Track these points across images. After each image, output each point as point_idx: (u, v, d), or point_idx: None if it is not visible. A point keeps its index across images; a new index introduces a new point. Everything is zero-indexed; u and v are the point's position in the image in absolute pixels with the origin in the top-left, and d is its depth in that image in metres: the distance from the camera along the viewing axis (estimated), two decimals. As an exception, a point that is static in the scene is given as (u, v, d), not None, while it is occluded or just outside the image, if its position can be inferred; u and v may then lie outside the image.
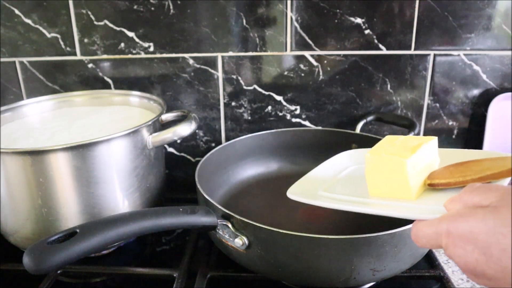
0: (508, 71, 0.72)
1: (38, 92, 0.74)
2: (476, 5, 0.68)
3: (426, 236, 0.29)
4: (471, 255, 0.25)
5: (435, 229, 0.28)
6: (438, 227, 0.28)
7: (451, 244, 0.27)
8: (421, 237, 0.29)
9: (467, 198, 0.28)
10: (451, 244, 0.27)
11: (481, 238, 0.25)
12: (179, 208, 0.45)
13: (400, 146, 0.41)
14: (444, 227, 0.27)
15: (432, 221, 0.29)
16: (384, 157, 0.39)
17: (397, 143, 0.42)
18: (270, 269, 0.47)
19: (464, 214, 0.27)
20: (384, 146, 0.42)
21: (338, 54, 0.72)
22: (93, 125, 0.61)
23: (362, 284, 0.50)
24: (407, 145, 0.40)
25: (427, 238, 0.29)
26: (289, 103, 0.76)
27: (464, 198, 0.28)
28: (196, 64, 0.73)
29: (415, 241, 0.30)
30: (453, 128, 0.77)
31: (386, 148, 0.41)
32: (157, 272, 0.55)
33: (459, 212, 0.27)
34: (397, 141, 0.42)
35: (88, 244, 0.38)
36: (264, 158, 0.73)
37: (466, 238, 0.26)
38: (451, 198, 0.29)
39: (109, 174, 0.53)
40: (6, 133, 0.59)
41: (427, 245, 0.30)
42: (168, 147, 0.79)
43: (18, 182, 0.50)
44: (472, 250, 0.25)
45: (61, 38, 0.72)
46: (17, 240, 0.55)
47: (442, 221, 0.28)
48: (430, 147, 0.41)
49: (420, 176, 0.39)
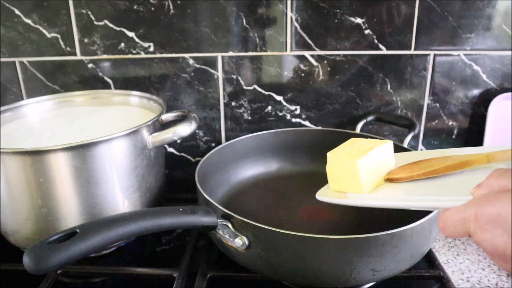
0: (508, 71, 0.72)
1: (38, 92, 0.74)
2: (476, 5, 0.68)
3: (454, 223, 0.29)
4: (500, 238, 0.26)
5: (463, 215, 0.28)
6: (465, 213, 0.28)
7: (479, 229, 0.27)
8: (449, 224, 0.29)
9: (493, 182, 0.28)
10: (479, 229, 0.27)
11: (508, 220, 0.25)
12: (179, 208, 0.45)
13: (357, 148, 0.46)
14: (472, 212, 0.27)
15: (459, 207, 0.29)
16: (341, 157, 0.45)
17: (356, 145, 0.47)
18: (270, 269, 0.47)
19: (491, 198, 0.27)
20: (345, 147, 0.47)
21: (338, 54, 0.72)
22: (93, 125, 0.61)
23: (362, 284, 0.50)
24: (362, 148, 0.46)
25: (455, 225, 0.29)
26: (289, 103, 0.76)
27: (490, 182, 0.28)
28: (196, 64, 0.73)
29: (443, 229, 0.30)
30: (453, 128, 0.77)
31: (345, 149, 0.46)
32: (157, 272, 0.55)
33: (485, 196, 0.27)
34: (357, 144, 0.47)
35: (88, 244, 0.38)
36: (264, 158, 0.73)
37: (494, 221, 0.26)
38: (478, 184, 0.29)
39: (109, 174, 0.53)
40: (6, 133, 0.59)
41: (454, 232, 0.29)
42: (168, 147, 0.79)
43: (18, 182, 0.50)
44: (500, 234, 0.26)
45: (61, 38, 0.72)
46: (17, 240, 0.55)
47: (469, 207, 0.28)
48: (383, 150, 0.46)
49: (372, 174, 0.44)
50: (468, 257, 0.59)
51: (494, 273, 0.55)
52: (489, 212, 0.26)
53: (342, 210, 0.48)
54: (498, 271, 0.56)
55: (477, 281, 0.54)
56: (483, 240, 0.27)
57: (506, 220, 0.25)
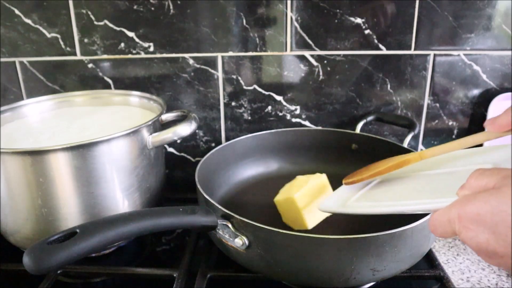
0: (508, 71, 0.72)
1: (38, 92, 0.74)
2: (476, 5, 0.68)
3: (442, 224, 0.30)
4: (482, 235, 0.27)
5: (448, 217, 0.29)
6: (450, 214, 0.29)
7: (463, 228, 0.28)
8: (437, 225, 0.31)
9: (473, 182, 0.30)
10: (463, 228, 0.28)
11: (488, 218, 0.27)
12: (179, 208, 0.45)
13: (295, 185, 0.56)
14: (455, 213, 0.29)
15: (445, 209, 0.30)
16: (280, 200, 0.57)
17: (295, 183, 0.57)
18: (270, 269, 0.47)
19: (471, 198, 0.28)
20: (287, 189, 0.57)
21: (338, 54, 0.72)
22: (93, 125, 0.61)
23: (362, 284, 0.50)
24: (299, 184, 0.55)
25: (443, 226, 0.30)
26: (289, 103, 0.76)
27: (471, 183, 0.30)
28: (196, 64, 0.73)
29: (434, 232, 0.31)
30: (453, 128, 0.77)
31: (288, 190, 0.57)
32: (157, 272, 0.55)
33: (466, 197, 0.29)
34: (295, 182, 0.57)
35: (88, 244, 0.38)
36: (264, 158, 0.73)
37: (475, 220, 0.27)
38: (461, 185, 0.31)
39: (109, 174, 0.53)
40: (6, 133, 0.59)
41: (443, 233, 0.31)
42: (168, 147, 0.79)
43: (18, 182, 0.50)
44: (482, 231, 0.27)
45: (61, 38, 0.72)
46: (17, 240, 0.55)
47: (453, 208, 0.29)
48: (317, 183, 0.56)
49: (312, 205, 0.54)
50: (468, 257, 0.59)
51: (494, 273, 0.55)
52: (469, 211, 0.28)
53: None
54: (498, 271, 0.56)
55: (477, 281, 0.54)
56: (467, 238, 0.28)
57: (485, 218, 0.27)
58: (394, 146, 0.65)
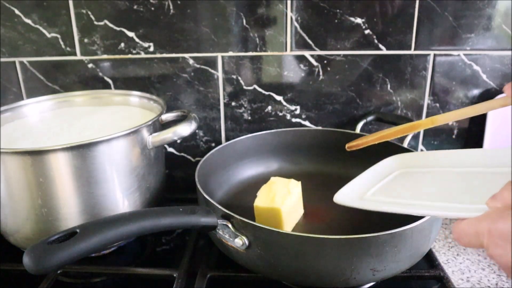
0: (508, 71, 0.72)
1: (38, 92, 0.74)
2: (476, 5, 0.68)
3: (468, 236, 0.29)
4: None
5: (476, 229, 0.28)
6: (479, 227, 0.28)
7: (492, 244, 0.27)
8: (463, 236, 0.30)
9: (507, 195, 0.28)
10: (492, 244, 0.27)
11: None
12: (179, 208, 0.45)
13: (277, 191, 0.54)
14: (485, 227, 0.28)
15: (473, 220, 0.29)
16: (261, 207, 0.53)
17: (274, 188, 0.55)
18: (270, 269, 0.47)
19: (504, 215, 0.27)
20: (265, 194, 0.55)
21: (338, 54, 0.72)
22: (93, 125, 0.61)
23: (362, 284, 0.50)
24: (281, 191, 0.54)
25: (469, 238, 0.29)
26: (289, 103, 0.76)
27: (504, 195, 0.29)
28: (196, 64, 0.73)
29: (458, 240, 0.30)
30: (453, 128, 0.77)
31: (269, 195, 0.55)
32: (157, 272, 0.55)
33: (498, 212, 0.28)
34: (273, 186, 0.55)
35: (88, 244, 0.38)
36: (264, 158, 0.73)
37: (507, 238, 0.26)
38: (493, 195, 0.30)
39: (109, 174, 0.53)
40: (6, 133, 0.59)
41: (469, 244, 0.30)
42: (168, 147, 0.79)
43: (18, 182, 0.50)
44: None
45: (61, 38, 0.72)
46: (17, 240, 0.55)
47: (483, 221, 0.28)
48: (298, 192, 0.57)
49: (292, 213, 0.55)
50: (468, 257, 0.59)
51: (494, 273, 0.55)
52: (501, 228, 0.27)
53: (342, 210, 0.48)
54: (498, 271, 0.56)
55: (477, 281, 0.54)
56: (496, 255, 0.27)
57: None
58: (394, 146, 0.65)
